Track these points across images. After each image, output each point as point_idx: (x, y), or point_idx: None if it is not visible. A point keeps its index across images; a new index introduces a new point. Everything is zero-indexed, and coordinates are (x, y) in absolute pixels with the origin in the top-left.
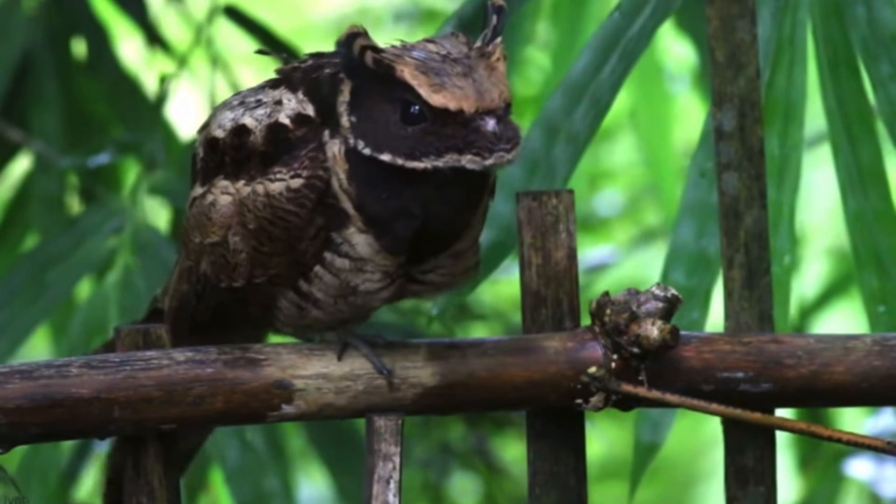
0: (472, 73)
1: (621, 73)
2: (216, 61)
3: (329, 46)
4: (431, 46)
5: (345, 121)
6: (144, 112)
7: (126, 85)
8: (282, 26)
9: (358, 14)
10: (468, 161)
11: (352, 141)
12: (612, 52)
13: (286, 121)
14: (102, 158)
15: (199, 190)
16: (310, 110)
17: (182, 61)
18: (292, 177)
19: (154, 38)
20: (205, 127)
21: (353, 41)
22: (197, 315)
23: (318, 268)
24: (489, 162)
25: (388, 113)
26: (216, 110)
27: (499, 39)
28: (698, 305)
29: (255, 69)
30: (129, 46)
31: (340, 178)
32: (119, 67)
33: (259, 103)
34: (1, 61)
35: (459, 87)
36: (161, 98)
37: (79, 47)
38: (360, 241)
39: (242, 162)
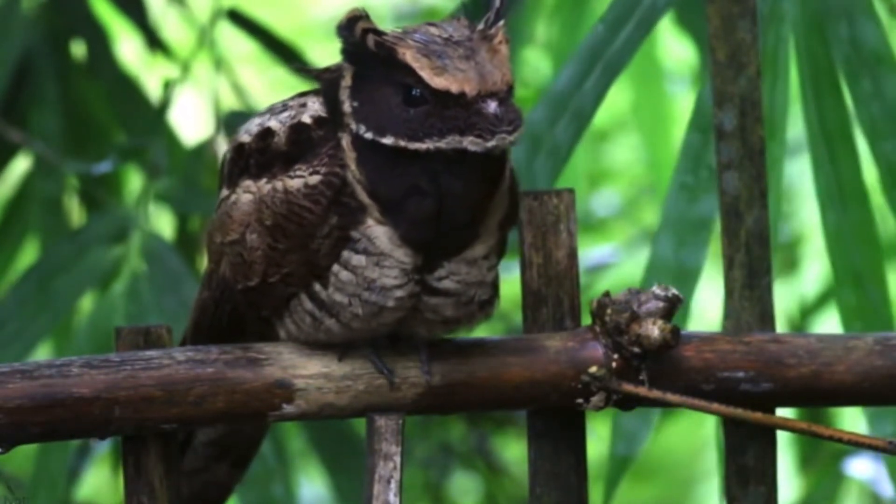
0: (474, 55)
1: (604, 86)
2: (220, 64)
3: (330, 46)
4: (433, 30)
5: (347, 107)
6: (145, 115)
7: (126, 87)
8: (282, 26)
9: None
10: (470, 143)
11: (354, 126)
12: (596, 65)
13: (308, 120)
14: (105, 166)
15: (224, 192)
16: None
17: (185, 67)
18: (311, 173)
19: (154, 40)
20: (234, 135)
21: (355, 24)
22: (214, 326)
23: (335, 266)
24: (491, 144)
25: (390, 96)
26: (247, 120)
27: (501, 22)
28: (679, 317)
29: (257, 70)
30: (129, 46)
31: (352, 169)
32: (119, 69)
33: (285, 108)
34: (0, 62)
35: (461, 69)
36: (164, 104)
37: (78, 49)
38: (379, 233)
39: (267, 164)
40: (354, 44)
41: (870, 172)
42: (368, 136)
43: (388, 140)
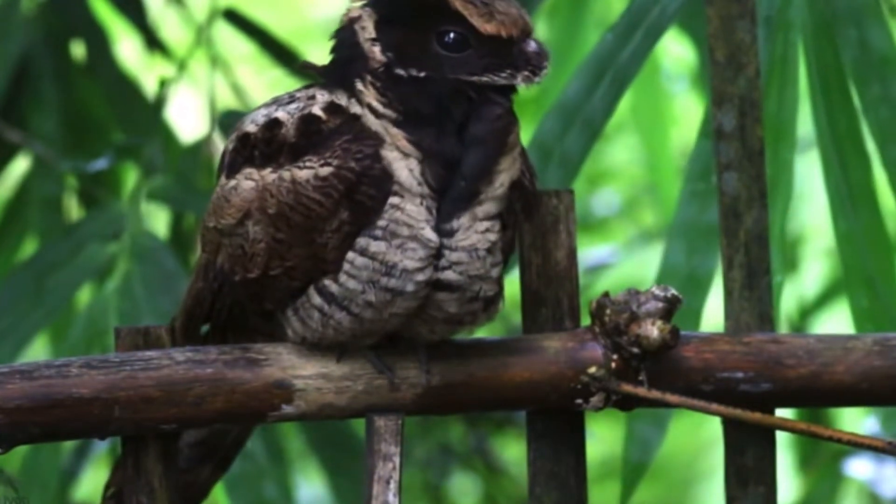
0: None
1: (613, 96)
2: (216, 63)
3: (327, 47)
4: None
5: (378, 55)
6: (144, 115)
7: (125, 87)
8: (281, 27)
9: None
10: (523, 77)
11: (402, 72)
12: (605, 75)
13: (319, 112)
14: (101, 164)
15: (223, 180)
16: (342, 99)
17: (182, 65)
18: (321, 165)
19: (153, 41)
20: (238, 125)
21: None
22: (211, 319)
23: (350, 254)
24: (538, 78)
25: (425, 41)
26: (251, 111)
27: None
28: (690, 324)
29: (255, 70)
30: (128, 46)
31: (374, 106)
32: (118, 70)
33: (292, 99)
34: (0, 62)
35: (504, 13)
36: (160, 102)
37: (78, 49)
38: (401, 167)
39: (272, 155)
40: None
41: (880, 175)
42: (422, 75)
43: (449, 76)
